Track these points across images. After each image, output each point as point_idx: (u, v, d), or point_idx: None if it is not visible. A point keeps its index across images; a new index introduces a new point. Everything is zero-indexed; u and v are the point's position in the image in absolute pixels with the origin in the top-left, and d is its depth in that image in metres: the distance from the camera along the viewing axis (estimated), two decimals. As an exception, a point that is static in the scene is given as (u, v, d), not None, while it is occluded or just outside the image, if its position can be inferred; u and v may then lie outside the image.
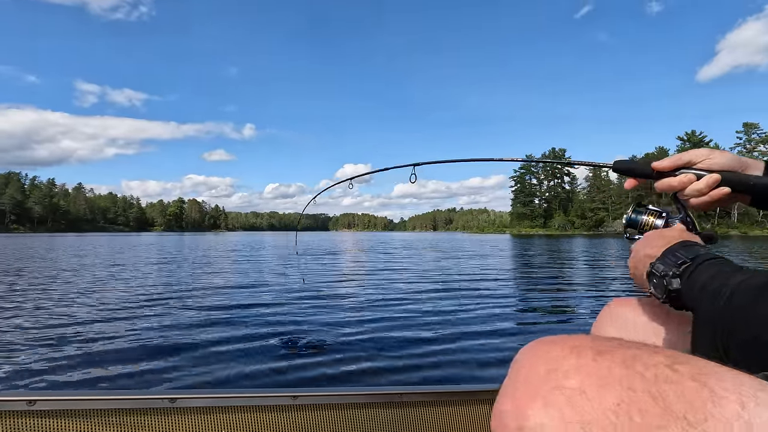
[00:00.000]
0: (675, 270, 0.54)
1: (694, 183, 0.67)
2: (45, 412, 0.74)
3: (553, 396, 0.35)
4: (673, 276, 0.54)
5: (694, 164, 0.68)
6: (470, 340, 3.50)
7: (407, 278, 8.01)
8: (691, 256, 0.54)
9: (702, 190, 0.66)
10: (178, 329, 3.78)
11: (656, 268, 0.57)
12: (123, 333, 3.67)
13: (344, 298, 5.71)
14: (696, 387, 0.31)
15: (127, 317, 4.36)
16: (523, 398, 0.37)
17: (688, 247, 0.57)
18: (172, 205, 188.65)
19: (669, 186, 0.70)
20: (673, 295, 0.54)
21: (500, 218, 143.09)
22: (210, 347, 3.21)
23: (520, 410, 0.36)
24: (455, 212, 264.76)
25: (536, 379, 0.37)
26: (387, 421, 0.92)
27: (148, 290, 6.39)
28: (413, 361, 2.91)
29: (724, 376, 0.32)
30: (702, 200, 0.67)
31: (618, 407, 0.32)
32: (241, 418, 0.84)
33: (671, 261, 0.56)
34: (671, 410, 0.31)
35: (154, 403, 0.80)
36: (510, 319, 4.41)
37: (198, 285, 7.04)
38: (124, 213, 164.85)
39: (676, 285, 0.53)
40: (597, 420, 0.32)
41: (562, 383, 0.35)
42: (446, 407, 0.95)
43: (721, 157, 0.67)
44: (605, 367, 0.35)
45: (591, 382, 0.34)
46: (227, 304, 5.20)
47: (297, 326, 3.95)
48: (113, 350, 3.16)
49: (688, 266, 0.54)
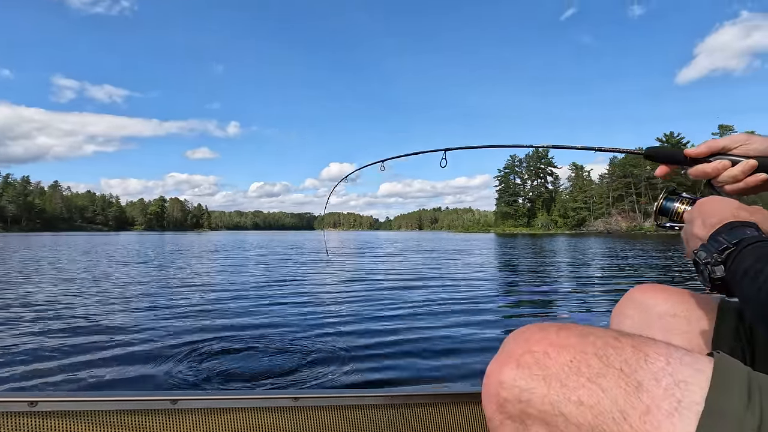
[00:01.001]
0: (717, 257, 0.53)
1: (729, 169, 0.65)
2: (46, 413, 0.74)
3: (524, 358, 0.48)
4: (715, 263, 0.53)
5: (729, 150, 0.65)
6: (468, 342, 3.51)
7: (405, 280, 7.93)
8: (735, 240, 0.52)
9: (737, 176, 0.64)
10: (178, 331, 3.77)
11: (699, 255, 0.56)
12: (123, 334, 3.67)
13: (343, 300, 5.68)
14: (633, 351, 0.45)
15: (127, 319, 4.34)
16: (502, 362, 0.50)
17: (734, 230, 0.54)
18: (153, 203, 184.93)
19: (703, 173, 0.67)
20: (717, 283, 0.53)
21: (485, 217, 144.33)
22: (211, 349, 3.21)
23: (499, 370, 0.49)
24: (440, 211, 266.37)
25: (514, 348, 0.50)
26: (386, 422, 0.92)
27: (148, 290, 6.36)
28: (413, 364, 2.93)
29: (659, 345, 0.45)
30: (737, 186, 0.65)
31: (571, 363, 0.45)
32: (242, 419, 0.84)
33: (714, 247, 0.54)
34: (610, 364, 0.44)
35: (155, 404, 0.80)
36: (502, 323, 4.38)
37: (196, 285, 6.96)
38: (103, 212, 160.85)
39: (719, 273, 0.52)
40: (555, 373, 0.45)
41: (532, 349, 0.48)
42: (445, 408, 0.95)
43: (759, 142, 0.64)
44: (564, 337, 0.48)
45: (552, 347, 0.47)
46: (227, 306, 5.15)
47: (297, 328, 3.94)
48: (114, 351, 3.17)
49: (732, 251, 0.52)
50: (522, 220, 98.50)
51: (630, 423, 0.40)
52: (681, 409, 0.39)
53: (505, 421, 0.49)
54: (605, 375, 0.44)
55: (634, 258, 12.81)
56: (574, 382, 0.44)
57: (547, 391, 0.45)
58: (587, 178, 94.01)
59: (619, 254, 14.63)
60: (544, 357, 0.47)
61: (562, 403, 0.44)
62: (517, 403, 0.47)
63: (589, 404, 0.43)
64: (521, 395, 0.47)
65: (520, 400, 0.47)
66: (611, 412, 0.41)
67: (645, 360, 0.43)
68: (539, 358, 0.47)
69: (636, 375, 0.42)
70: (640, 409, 0.40)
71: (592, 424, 0.42)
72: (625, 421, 0.40)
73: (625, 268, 9.85)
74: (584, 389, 0.44)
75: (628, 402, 0.41)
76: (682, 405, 0.39)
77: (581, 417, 0.43)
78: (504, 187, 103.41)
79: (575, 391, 0.44)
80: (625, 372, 0.43)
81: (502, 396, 0.49)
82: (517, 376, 0.48)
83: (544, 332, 0.50)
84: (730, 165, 0.65)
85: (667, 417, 0.39)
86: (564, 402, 0.44)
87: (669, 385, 0.41)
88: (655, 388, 0.41)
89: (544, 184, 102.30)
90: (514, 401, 0.48)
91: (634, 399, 0.41)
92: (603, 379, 0.43)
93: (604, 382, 0.43)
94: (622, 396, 0.42)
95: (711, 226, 0.58)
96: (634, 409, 0.40)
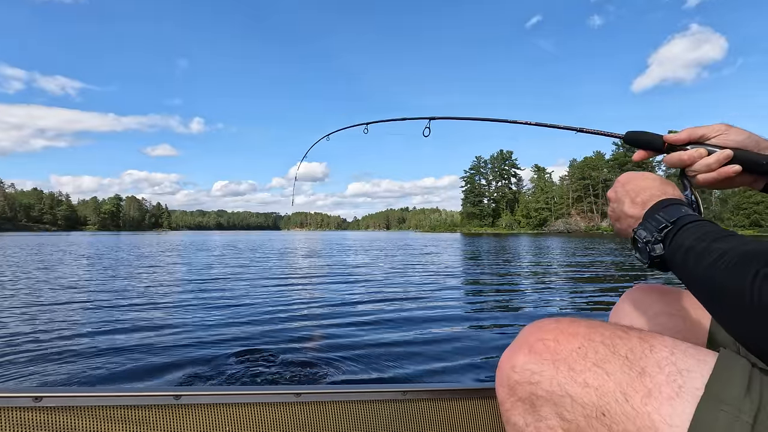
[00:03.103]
0: (657, 235, 0.55)
1: (704, 158, 0.64)
2: (51, 409, 0.75)
3: (536, 345, 0.52)
4: (655, 242, 0.55)
5: (708, 139, 0.65)
6: (473, 339, 3.54)
7: (404, 277, 8.03)
8: (673, 219, 0.55)
9: (711, 165, 0.63)
10: (182, 327, 3.81)
11: (639, 234, 0.58)
12: (128, 330, 3.72)
13: (344, 297, 5.74)
14: (639, 341, 0.48)
15: (131, 315, 4.40)
16: (516, 349, 0.55)
17: (669, 208, 0.57)
18: (108, 202, 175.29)
19: (679, 160, 0.66)
20: (656, 260, 0.56)
21: (451, 217, 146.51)
22: (214, 346, 3.22)
23: (512, 356, 0.54)
24: (408, 211, 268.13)
25: (527, 337, 0.55)
26: (389, 417, 0.93)
27: (149, 288, 6.46)
28: (416, 360, 2.94)
29: (665, 338, 0.48)
30: (709, 176, 0.64)
31: (579, 349, 0.49)
32: (245, 414, 0.85)
33: (652, 226, 0.56)
34: (616, 352, 0.47)
35: (158, 399, 0.81)
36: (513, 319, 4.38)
37: (193, 285, 6.90)
38: (51, 211, 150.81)
39: (659, 251, 0.55)
40: (564, 357, 0.50)
41: (544, 337, 0.53)
42: (448, 403, 0.95)
43: (737, 134, 0.64)
44: (574, 326, 0.52)
45: (563, 335, 0.52)
46: (229, 303, 5.20)
47: (297, 325, 3.96)
48: (118, 347, 3.19)
49: (670, 230, 0.54)
50: (487, 220, 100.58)
51: (632, 404, 0.43)
52: (682, 394, 0.42)
53: (516, 403, 0.53)
54: (611, 361, 0.47)
55: (616, 257, 13.06)
56: (581, 366, 0.48)
57: (555, 374, 0.49)
58: (549, 179, 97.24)
59: (603, 254, 14.94)
60: (554, 344, 0.51)
61: (569, 384, 0.48)
62: (528, 385, 0.51)
63: (594, 386, 0.46)
64: (531, 378, 0.51)
65: (530, 382, 0.51)
66: (614, 393, 0.44)
67: (650, 349, 0.47)
68: (550, 345, 0.51)
69: (640, 362, 0.46)
70: (642, 392, 0.43)
71: (597, 404, 0.45)
72: (627, 402, 0.43)
73: (612, 269, 9.97)
74: (590, 372, 0.47)
75: (631, 385, 0.44)
76: (683, 390, 0.42)
77: (586, 397, 0.46)
78: (470, 188, 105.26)
79: (581, 374, 0.47)
80: (630, 359, 0.46)
81: (513, 379, 0.53)
82: (528, 361, 0.52)
83: (557, 323, 0.54)
84: (706, 154, 0.64)
85: (667, 400, 0.42)
86: (571, 383, 0.48)
87: (671, 372, 0.44)
88: (657, 374, 0.44)
89: (508, 185, 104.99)
90: (524, 383, 0.51)
91: (637, 383, 0.44)
92: (608, 365, 0.47)
93: (609, 367, 0.46)
94: (626, 380, 0.45)
95: (642, 203, 0.60)
96: (636, 392, 0.43)
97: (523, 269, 9.76)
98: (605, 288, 6.55)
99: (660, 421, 0.41)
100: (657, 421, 0.41)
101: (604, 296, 5.76)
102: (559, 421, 0.49)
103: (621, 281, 7.39)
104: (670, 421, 0.41)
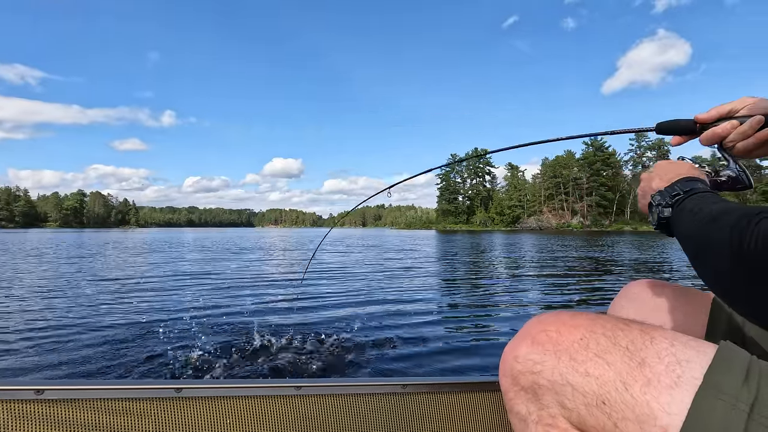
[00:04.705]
0: (668, 200, 0.61)
1: (738, 127, 0.67)
2: (53, 401, 0.75)
3: (539, 336, 0.54)
4: (666, 206, 0.61)
5: (735, 112, 0.68)
6: (472, 333, 3.59)
7: (403, 273, 8.15)
8: (686, 189, 0.61)
9: (746, 132, 0.66)
10: (182, 322, 3.84)
11: (654, 198, 0.64)
12: (129, 323, 3.78)
13: (345, 292, 5.82)
14: (640, 333, 0.50)
15: (132, 308, 4.45)
16: (519, 340, 0.56)
17: (687, 182, 0.62)
18: (70, 197, 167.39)
19: (713, 134, 0.69)
20: (662, 222, 0.62)
21: (427, 215, 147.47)
22: (215, 339, 3.23)
23: (516, 347, 0.56)
24: (384, 208, 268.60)
25: (530, 329, 0.56)
26: (389, 410, 0.93)
27: (150, 281, 6.55)
28: (416, 354, 2.97)
29: (665, 331, 0.50)
30: (748, 143, 0.66)
31: (580, 340, 0.51)
32: (245, 407, 0.85)
33: (668, 193, 0.62)
34: (617, 343, 0.49)
35: (159, 392, 0.81)
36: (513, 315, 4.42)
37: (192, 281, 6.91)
38: (8, 207, 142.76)
39: (666, 213, 0.61)
40: (565, 348, 0.51)
41: (547, 329, 0.54)
42: (447, 397, 0.96)
43: (762, 101, 0.67)
44: (576, 318, 0.54)
45: (565, 327, 0.53)
46: (229, 298, 5.24)
47: (298, 321, 3.97)
48: (119, 340, 3.24)
49: (680, 197, 0.60)
50: (462, 217, 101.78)
51: (631, 393, 0.45)
52: (680, 383, 0.44)
53: (519, 392, 0.55)
54: (611, 352, 0.49)
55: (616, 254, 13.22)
56: (582, 356, 0.50)
57: (557, 363, 0.51)
58: (522, 177, 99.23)
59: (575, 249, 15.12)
60: (556, 335, 0.53)
61: (570, 374, 0.49)
62: (530, 375, 0.53)
63: (594, 375, 0.48)
64: (533, 367, 0.53)
65: (533, 371, 0.53)
66: (614, 382, 0.46)
67: (651, 341, 0.48)
68: (552, 336, 0.53)
69: (640, 353, 0.47)
70: (642, 381, 0.45)
71: (597, 393, 0.47)
72: (626, 391, 0.45)
73: (607, 266, 10.04)
74: (591, 362, 0.49)
75: (631, 375, 0.46)
76: (682, 380, 0.44)
77: (587, 386, 0.48)
78: (445, 185, 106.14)
79: (583, 364, 0.49)
80: (630, 350, 0.48)
81: (516, 369, 0.54)
82: (531, 351, 0.54)
83: (559, 316, 0.56)
84: (739, 124, 0.67)
85: (666, 389, 0.44)
86: (572, 373, 0.49)
87: (671, 362, 0.46)
88: (657, 364, 0.46)
89: (483, 183, 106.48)
90: (527, 373, 0.53)
91: (637, 372, 0.46)
92: (609, 355, 0.48)
93: (610, 357, 0.48)
94: (626, 370, 0.46)
95: (668, 180, 0.66)
96: (636, 381, 0.45)
97: (512, 266, 9.76)
98: (598, 285, 6.59)
99: (659, 409, 0.43)
100: (656, 409, 0.43)
101: (597, 293, 5.79)
102: (561, 409, 0.51)
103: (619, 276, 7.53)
104: (668, 409, 0.43)
